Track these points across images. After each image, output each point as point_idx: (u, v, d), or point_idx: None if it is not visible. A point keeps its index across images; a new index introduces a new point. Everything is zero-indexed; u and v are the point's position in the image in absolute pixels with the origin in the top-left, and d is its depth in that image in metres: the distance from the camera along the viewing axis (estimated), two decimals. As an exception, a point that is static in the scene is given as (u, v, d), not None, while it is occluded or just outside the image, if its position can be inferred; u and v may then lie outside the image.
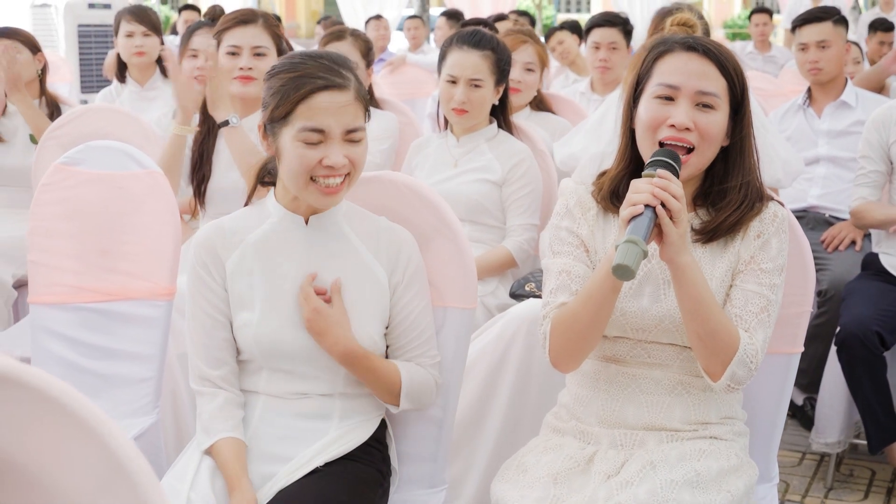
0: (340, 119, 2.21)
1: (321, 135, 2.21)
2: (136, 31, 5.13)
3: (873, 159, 3.91)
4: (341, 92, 2.22)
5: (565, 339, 2.20)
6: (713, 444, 2.24)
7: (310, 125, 2.20)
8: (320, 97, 2.20)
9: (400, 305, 2.36)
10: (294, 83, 2.21)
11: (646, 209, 2.01)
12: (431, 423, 2.51)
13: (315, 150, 2.21)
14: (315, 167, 2.22)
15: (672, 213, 2.03)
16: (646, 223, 1.99)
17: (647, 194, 2.02)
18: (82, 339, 2.92)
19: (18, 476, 1.20)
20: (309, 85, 2.20)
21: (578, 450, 2.29)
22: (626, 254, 1.93)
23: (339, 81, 2.22)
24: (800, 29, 4.71)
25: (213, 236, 2.35)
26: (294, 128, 2.21)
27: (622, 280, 1.96)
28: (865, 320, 3.60)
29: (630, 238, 1.95)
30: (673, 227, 2.03)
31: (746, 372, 2.15)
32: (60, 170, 2.96)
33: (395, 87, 7.47)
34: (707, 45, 2.24)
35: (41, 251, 2.96)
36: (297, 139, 2.21)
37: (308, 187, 2.24)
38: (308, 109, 2.20)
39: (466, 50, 3.66)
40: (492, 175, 3.67)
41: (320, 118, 2.20)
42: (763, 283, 2.21)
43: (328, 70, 2.23)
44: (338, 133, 2.22)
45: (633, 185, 2.07)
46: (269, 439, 2.30)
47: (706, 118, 2.20)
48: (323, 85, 2.20)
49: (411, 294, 2.37)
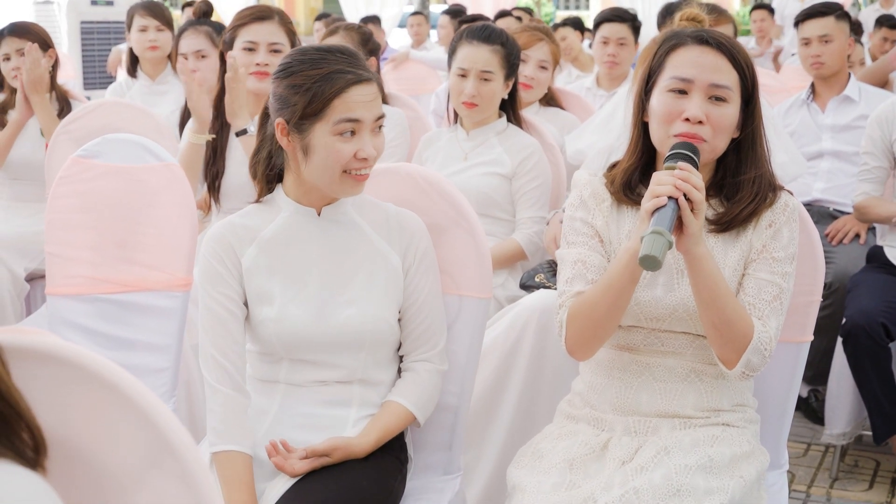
0: (371, 110, 2.29)
1: (357, 125, 2.26)
2: (150, 25, 5.15)
3: (876, 155, 3.95)
4: (370, 84, 2.29)
5: (583, 327, 2.24)
6: (725, 431, 2.28)
7: (347, 116, 2.25)
8: (354, 90, 2.26)
9: (411, 288, 2.41)
10: (327, 79, 2.26)
11: (669, 201, 2.05)
12: (447, 411, 2.54)
13: (349, 143, 2.27)
14: (349, 160, 2.27)
15: (694, 204, 2.07)
16: (669, 214, 2.03)
17: (670, 186, 2.06)
18: (99, 330, 2.95)
19: (66, 452, 1.24)
20: (342, 79, 2.26)
21: (593, 436, 2.32)
22: (652, 244, 1.97)
23: (367, 74, 2.29)
24: (802, 24, 4.75)
25: (226, 233, 2.38)
26: (330, 122, 2.26)
27: (649, 270, 2.00)
28: (871, 312, 3.63)
29: (656, 229, 1.99)
30: (694, 218, 2.07)
31: (761, 359, 2.19)
32: (77, 163, 2.99)
33: (399, 83, 7.49)
34: (719, 39, 2.27)
35: (59, 243, 3.00)
36: (333, 133, 2.26)
37: (342, 179, 2.30)
38: (343, 103, 2.25)
39: (476, 44, 3.70)
40: (501, 168, 3.71)
41: (357, 110, 2.26)
42: (775, 272, 2.25)
43: (353, 64, 2.29)
44: (370, 123, 2.29)
45: (656, 177, 2.10)
46: (289, 426, 2.33)
47: (719, 111, 2.24)
48: (355, 79, 2.27)
49: (420, 275, 2.41)
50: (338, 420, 2.35)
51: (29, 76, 4.35)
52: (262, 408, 2.37)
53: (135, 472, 1.21)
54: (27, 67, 4.34)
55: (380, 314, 2.36)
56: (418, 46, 10.15)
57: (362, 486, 2.24)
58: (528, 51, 4.35)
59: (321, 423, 2.34)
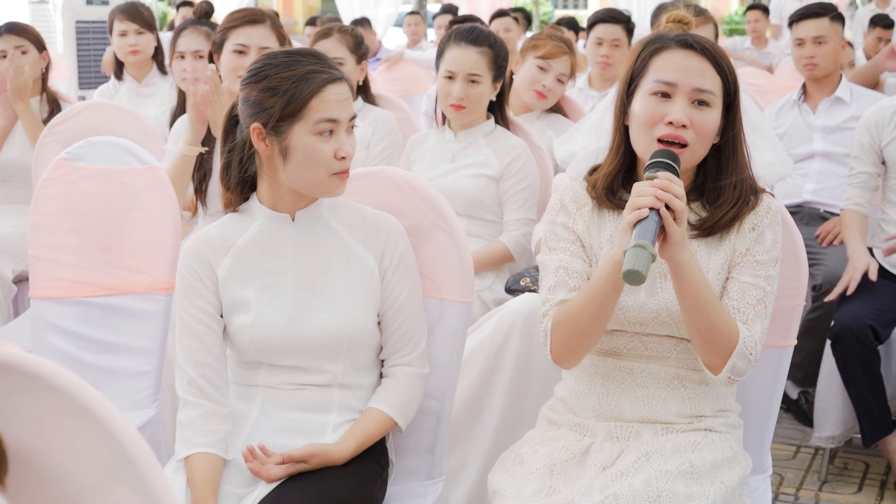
0: (346, 109, 2.30)
1: (334, 125, 2.27)
2: (130, 29, 5.14)
3: (863, 160, 3.93)
4: (342, 84, 2.31)
5: (567, 337, 2.22)
6: (707, 437, 2.27)
7: (325, 116, 2.26)
8: (330, 90, 2.28)
9: (388, 291, 2.40)
10: (303, 79, 2.26)
11: (650, 212, 2.03)
12: (429, 415, 2.53)
13: (329, 142, 2.27)
14: (331, 161, 2.27)
15: (676, 213, 2.05)
16: (652, 227, 2.01)
17: (651, 197, 2.04)
18: (82, 333, 2.95)
19: (27, 462, 1.23)
20: (318, 79, 2.27)
21: (574, 442, 2.31)
22: (635, 259, 1.95)
23: (339, 74, 2.31)
24: (796, 24, 4.72)
25: (201, 245, 2.37)
26: (309, 122, 2.26)
27: (633, 284, 1.97)
28: (859, 314, 3.63)
29: (638, 242, 1.96)
30: (677, 227, 2.06)
31: (746, 364, 2.18)
32: (61, 165, 2.98)
33: (392, 83, 7.48)
34: (703, 43, 2.26)
35: (42, 246, 2.99)
36: (313, 133, 2.26)
37: (326, 180, 2.30)
38: (321, 103, 2.26)
39: (464, 46, 3.68)
40: (489, 170, 3.70)
41: (334, 109, 2.27)
42: (759, 275, 2.24)
43: (324, 65, 2.30)
44: (345, 122, 2.30)
45: (636, 188, 2.08)
46: (269, 431, 2.32)
47: (702, 116, 2.22)
48: (330, 78, 2.28)
49: (398, 278, 2.40)
50: (318, 425, 2.34)
51: (13, 84, 4.34)
52: (242, 413, 2.37)
53: (93, 485, 1.20)
54: (10, 76, 4.33)
55: (356, 318, 2.34)
56: (414, 46, 10.15)
57: (341, 491, 2.23)
58: (551, 61, 4.33)
59: (301, 428, 2.33)
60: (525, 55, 4.38)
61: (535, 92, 4.34)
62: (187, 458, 2.27)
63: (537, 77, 4.33)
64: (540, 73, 4.32)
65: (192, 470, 2.25)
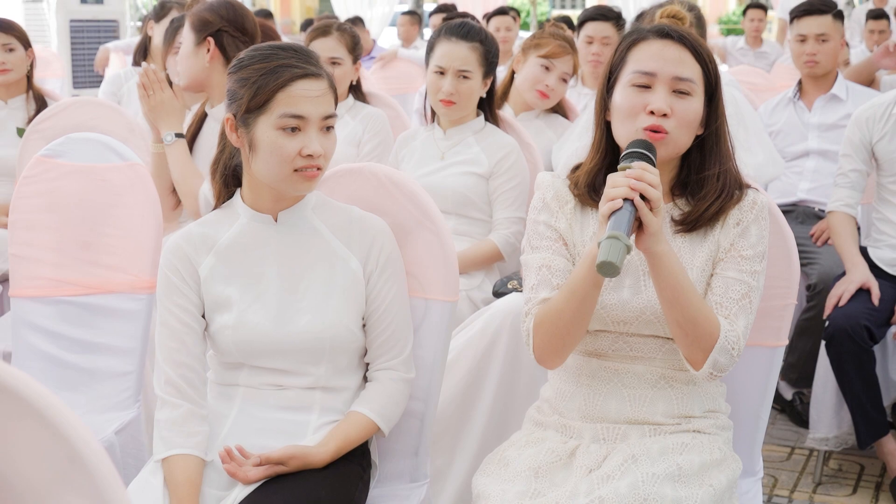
0: (317, 106, 2.23)
1: (300, 121, 2.22)
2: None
3: (853, 158, 3.87)
4: (318, 80, 2.25)
5: (549, 335, 2.19)
6: (696, 438, 2.22)
7: (290, 111, 2.21)
8: (299, 84, 2.22)
9: (373, 294, 2.35)
10: (273, 72, 2.22)
11: (625, 203, 1.99)
12: (413, 417, 2.48)
13: (294, 138, 2.22)
14: (295, 157, 2.22)
15: (651, 202, 2.01)
16: (626, 217, 1.97)
17: (625, 188, 2.00)
18: (63, 333, 2.91)
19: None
20: (288, 73, 2.22)
21: (560, 444, 2.27)
22: (609, 250, 1.90)
23: (315, 70, 2.25)
24: (798, 20, 4.66)
25: (183, 244, 2.34)
26: (273, 115, 2.21)
27: (607, 277, 1.93)
28: (854, 314, 3.58)
29: (612, 234, 1.92)
30: (652, 217, 2.02)
31: (728, 359, 2.14)
32: (41, 162, 2.94)
33: (386, 81, 7.46)
34: (681, 32, 2.24)
35: (22, 244, 2.95)
36: (276, 127, 2.22)
37: (289, 177, 2.24)
38: (287, 97, 2.21)
39: (455, 41, 3.64)
40: (478, 168, 3.65)
41: (300, 105, 2.22)
42: (744, 270, 2.20)
43: (302, 59, 2.25)
44: (316, 120, 2.23)
45: (610, 179, 2.05)
46: (248, 431, 2.28)
47: (683, 104, 2.19)
48: (301, 73, 2.23)
49: (383, 282, 2.35)
50: (298, 425, 2.30)
51: None
52: (221, 412, 2.33)
53: (43, 489, 1.15)
54: None
55: (339, 320, 2.30)
56: (408, 45, 10.11)
57: (321, 494, 2.18)
58: (555, 60, 4.27)
59: (281, 427, 2.28)
60: (527, 54, 4.32)
61: (537, 92, 4.28)
62: (166, 459, 2.22)
63: (540, 76, 4.27)
64: (543, 72, 4.27)
65: (174, 471, 2.20)
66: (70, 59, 8.04)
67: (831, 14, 4.63)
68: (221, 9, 3.36)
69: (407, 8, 14.56)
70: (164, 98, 3.38)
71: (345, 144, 4.14)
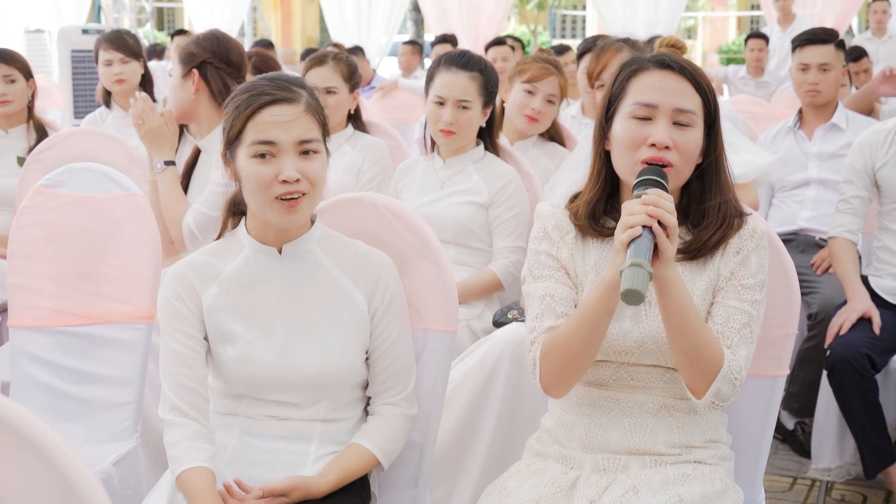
0: (289, 131, 2.21)
1: (272, 147, 2.20)
2: (114, 58, 5.13)
3: (856, 184, 3.87)
4: (289, 105, 2.22)
5: (558, 363, 2.17)
6: (697, 469, 2.21)
7: (259, 138, 2.20)
8: (268, 111, 2.21)
9: (378, 331, 2.34)
10: (245, 102, 2.23)
11: (643, 230, 1.99)
12: (413, 447, 2.47)
13: (268, 165, 2.20)
14: (272, 184, 2.20)
15: (668, 229, 2.01)
16: (646, 244, 1.98)
17: (643, 215, 2.00)
18: (62, 363, 2.90)
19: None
20: (257, 101, 2.21)
21: (561, 475, 2.25)
22: (633, 278, 1.90)
23: (287, 95, 2.23)
24: (801, 49, 4.66)
25: (186, 271, 2.33)
26: (246, 144, 2.21)
27: (632, 304, 1.92)
28: (855, 343, 3.57)
29: (635, 261, 1.92)
30: (669, 243, 2.01)
31: (731, 389, 2.13)
32: (41, 192, 2.94)
33: (386, 111, 7.48)
34: (681, 63, 2.23)
35: (21, 274, 2.94)
36: (250, 155, 2.21)
37: (271, 205, 2.23)
38: (256, 125, 2.21)
39: (455, 71, 3.64)
40: (478, 197, 3.65)
41: (269, 131, 2.20)
42: (744, 299, 2.19)
43: (277, 87, 2.23)
44: (289, 145, 2.21)
45: (626, 207, 2.04)
46: (248, 462, 2.27)
47: (684, 136, 2.19)
48: (270, 100, 2.21)
49: (388, 320, 2.34)
50: (298, 456, 2.29)
51: None
52: (221, 442, 2.32)
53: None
54: None
55: (344, 356, 2.30)
56: (408, 75, 10.14)
57: (320, 526, 2.17)
58: (537, 83, 4.27)
59: (281, 458, 2.28)
60: (512, 81, 4.34)
61: (525, 117, 4.28)
62: (183, 473, 2.20)
63: (526, 101, 4.28)
64: (527, 96, 4.27)
65: (192, 482, 2.17)
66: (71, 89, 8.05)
67: (833, 44, 4.63)
68: (206, 41, 3.46)
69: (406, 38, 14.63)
70: (154, 125, 3.40)
71: (344, 173, 4.15)
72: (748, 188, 3.93)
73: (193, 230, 3.33)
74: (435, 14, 12.79)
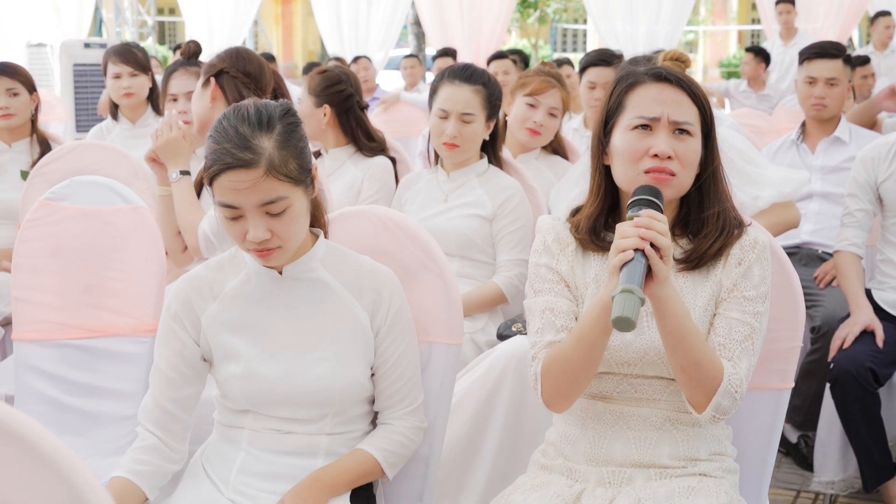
0: (250, 196, 2.12)
1: (236, 210, 2.15)
2: (123, 72, 5.15)
3: (860, 198, 3.88)
4: (247, 170, 2.11)
5: (558, 380, 2.17)
6: (702, 482, 2.20)
7: (223, 201, 2.15)
8: (226, 177, 2.12)
9: (382, 348, 2.34)
10: (212, 155, 2.15)
11: (635, 253, 1.98)
12: (418, 461, 2.47)
13: (238, 224, 2.16)
14: (243, 240, 2.18)
15: (661, 251, 2.00)
16: (639, 269, 1.96)
17: (634, 238, 1.99)
18: (65, 377, 2.90)
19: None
20: (217, 165, 2.13)
21: (566, 488, 2.25)
22: (623, 305, 1.89)
23: (247, 159, 2.11)
24: (809, 62, 4.66)
25: (187, 289, 2.32)
26: (216, 198, 2.17)
27: (623, 331, 1.92)
28: (858, 357, 3.57)
29: (626, 287, 1.91)
30: (663, 265, 2.01)
31: (731, 402, 2.13)
32: (45, 205, 2.94)
33: (389, 125, 7.48)
34: (677, 75, 2.25)
35: (25, 287, 2.95)
36: (219, 207, 2.18)
37: (249, 251, 2.22)
38: (220, 187, 2.14)
39: (458, 84, 3.65)
40: (482, 210, 3.65)
41: (230, 196, 2.13)
42: (747, 311, 2.19)
43: (239, 145, 2.12)
44: (251, 208, 2.14)
45: (619, 229, 2.04)
46: (254, 475, 2.28)
47: (685, 146, 2.20)
48: (226, 165, 2.12)
49: (393, 337, 2.33)
50: (304, 469, 2.28)
51: None
52: (228, 456, 2.33)
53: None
54: None
55: (349, 373, 2.29)
56: (411, 89, 10.16)
57: (327, 539, 2.17)
58: (539, 97, 4.28)
59: (288, 472, 2.27)
60: (514, 95, 4.35)
61: (527, 130, 4.30)
62: (111, 479, 2.24)
63: (527, 114, 4.29)
64: (529, 110, 4.29)
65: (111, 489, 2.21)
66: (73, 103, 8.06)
67: (841, 58, 4.63)
68: (226, 53, 3.49)
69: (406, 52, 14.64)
70: (171, 138, 3.41)
71: (344, 190, 4.15)
72: (789, 206, 3.93)
73: (209, 236, 3.34)
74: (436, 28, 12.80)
